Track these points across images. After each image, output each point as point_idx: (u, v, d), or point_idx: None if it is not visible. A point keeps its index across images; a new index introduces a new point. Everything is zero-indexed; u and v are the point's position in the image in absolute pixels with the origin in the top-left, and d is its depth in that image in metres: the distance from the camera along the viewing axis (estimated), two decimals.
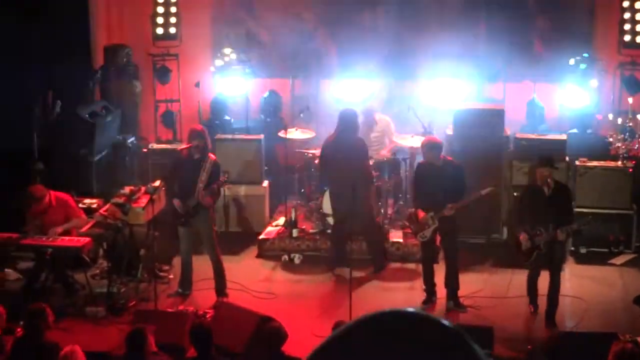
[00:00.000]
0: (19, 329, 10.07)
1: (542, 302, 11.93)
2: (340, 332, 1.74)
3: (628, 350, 8.59)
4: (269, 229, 14.67)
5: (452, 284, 12.30)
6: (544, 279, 11.86)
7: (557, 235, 11.55)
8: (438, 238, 12.48)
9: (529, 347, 10.67)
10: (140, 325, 9.52)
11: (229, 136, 15.43)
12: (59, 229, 12.44)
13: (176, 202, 12.23)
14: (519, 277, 12.40)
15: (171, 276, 13.23)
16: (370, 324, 1.70)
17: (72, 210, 12.79)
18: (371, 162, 14.32)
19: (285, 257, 14.02)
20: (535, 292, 12.03)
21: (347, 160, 13.06)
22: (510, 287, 12.68)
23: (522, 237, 11.75)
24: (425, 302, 12.34)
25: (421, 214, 12.18)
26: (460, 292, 12.30)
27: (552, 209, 11.62)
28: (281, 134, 14.97)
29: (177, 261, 13.08)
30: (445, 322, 1.69)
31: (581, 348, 9.79)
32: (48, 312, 9.69)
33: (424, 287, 12.45)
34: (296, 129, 15.03)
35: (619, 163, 14.14)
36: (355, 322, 1.75)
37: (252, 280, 13.22)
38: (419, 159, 13.69)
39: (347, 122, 13.27)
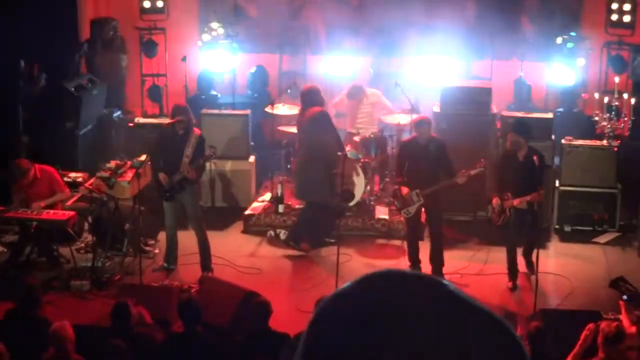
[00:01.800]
0: None
1: (525, 279, 12.01)
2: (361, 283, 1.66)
3: (620, 330, 8.62)
4: (255, 204, 14.66)
5: (437, 261, 12.34)
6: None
7: (514, 202, 11.66)
8: (423, 215, 12.52)
9: None
10: (123, 299, 9.52)
11: (216, 111, 15.38)
12: (42, 203, 12.42)
13: (162, 176, 12.21)
14: (501, 255, 12.41)
15: (156, 251, 13.22)
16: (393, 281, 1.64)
17: (57, 183, 12.76)
18: (357, 139, 14.32)
19: (271, 232, 14.01)
20: (514, 269, 12.09)
21: (307, 136, 13.09)
22: (493, 263, 12.69)
23: (494, 201, 11.95)
24: None
25: (405, 190, 12.21)
26: (445, 269, 12.34)
27: (521, 175, 11.70)
28: (268, 109, 14.94)
29: (162, 236, 13.06)
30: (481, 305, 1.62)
31: (564, 326, 9.83)
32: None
33: (408, 263, 12.48)
34: (283, 105, 15.00)
35: (605, 142, 14.16)
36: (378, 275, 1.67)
37: (238, 255, 13.23)
38: (406, 136, 13.70)
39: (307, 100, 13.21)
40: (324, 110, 13.10)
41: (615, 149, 14.11)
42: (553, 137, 14.36)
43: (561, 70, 15.54)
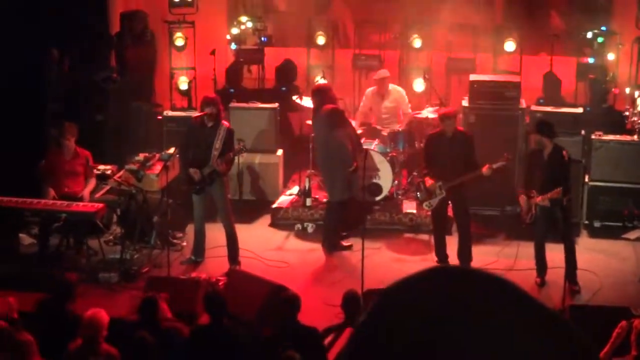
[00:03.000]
0: None
1: (554, 275, 11.94)
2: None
3: None
4: (283, 197, 14.67)
5: (464, 256, 12.31)
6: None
7: (537, 199, 11.62)
8: (450, 209, 12.49)
9: None
10: (152, 294, 9.54)
11: (244, 104, 15.39)
12: (86, 193, 12.60)
13: (192, 170, 12.22)
14: (530, 250, 12.35)
15: (184, 243, 13.26)
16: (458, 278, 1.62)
17: (90, 168, 12.94)
18: (385, 133, 14.29)
19: (299, 226, 14.03)
20: (542, 264, 12.04)
21: (320, 135, 13.05)
22: (522, 259, 12.63)
23: (521, 199, 11.91)
24: None
25: (429, 181, 12.20)
26: (473, 264, 12.30)
27: (547, 173, 11.65)
28: (296, 98, 14.94)
29: (190, 228, 13.09)
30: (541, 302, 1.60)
31: (593, 322, 9.77)
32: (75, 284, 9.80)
33: (436, 258, 12.45)
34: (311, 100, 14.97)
35: (635, 137, 14.05)
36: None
37: (265, 248, 13.24)
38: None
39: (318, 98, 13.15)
40: (336, 107, 12.99)
41: None
42: (583, 132, 14.28)
43: (591, 65, 15.45)
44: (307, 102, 14.76)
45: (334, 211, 13.20)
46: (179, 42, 16.22)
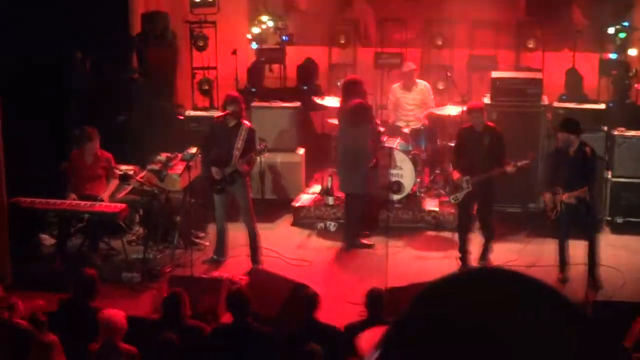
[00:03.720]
0: None
1: (577, 271, 11.90)
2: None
3: None
4: (305, 196, 14.68)
5: (484, 252, 12.33)
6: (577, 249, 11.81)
7: (563, 197, 11.57)
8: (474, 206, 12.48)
9: None
10: (176, 289, 9.56)
11: (266, 104, 15.42)
12: (105, 197, 12.62)
13: (214, 169, 12.24)
14: (552, 247, 12.31)
15: (206, 243, 13.29)
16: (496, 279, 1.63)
17: (112, 170, 12.96)
18: (407, 131, 14.28)
19: (321, 224, 14.04)
20: (564, 260, 11.99)
21: (344, 128, 13.04)
22: (544, 256, 12.60)
23: (546, 197, 11.86)
24: None
25: (456, 175, 12.21)
26: (495, 261, 12.28)
27: (572, 170, 11.60)
28: (318, 99, 14.96)
29: (212, 228, 13.12)
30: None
31: (616, 318, 9.73)
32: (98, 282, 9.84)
33: (458, 254, 12.43)
34: (332, 97, 14.99)
35: None
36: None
37: (287, 247, 13.25)
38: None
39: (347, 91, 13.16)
40: (364, 102, 12.99)
41: None
42: (605, 128, 14.23)
43: (613, 60, 15.38)
44: (328, 101, 14.78)
45: (351, 206, 13.21)
46: (200, 42, 16.25)
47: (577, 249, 11.97)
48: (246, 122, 12.47)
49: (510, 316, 1.53)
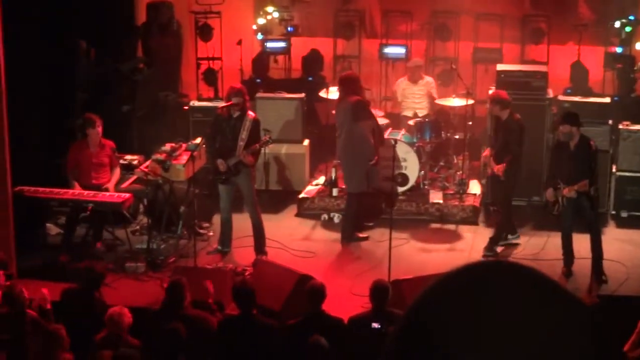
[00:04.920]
0: None
1: (581, 265, 11.90)
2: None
3: None
4: (309, 187, 14.67)
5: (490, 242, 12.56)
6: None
7: (564, 191, 11.58)
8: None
9: None
10: (178, 279, 9.56)
11: (270, 95, 15.40)
12: (111, 186, 12.61)
13: (219, 161, 12.23)
14: (557, 240, 12.31)
15: (211, 233, 13.29)
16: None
17: (115, 158, 12.95)
18: (412, 122, 14.28)
19: (325, 216, 14.03)
20: (569, 254, 11.99)
21: (343, 125, 13.01)
22: (548, 249, 12.61)
23: (548, 191, 11.93)
24: None
25: (484, 158, 12.91)
26: (500, 254, 12.36)
27: (573, 164, 11.60)
28: (322, 93, 14.94)
29: (216, 219, 13.12)
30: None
31: (620, 312, 9.74)
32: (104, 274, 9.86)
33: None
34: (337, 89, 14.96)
35: None
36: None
37: (291, 238, 13.25)
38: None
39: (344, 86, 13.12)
40: (361, 99, 12.93)
41: None
42: (610, 122, 14.21)
43: (619, 54, 15.37)
44: (333, 94, 14.76)
45: (351, 203, 13.20)
46: (205, 32, 16.24)
47: (581, 242, 11.96)
48: (251, 113, 12.45)
49: (511, 316, 1.53)
